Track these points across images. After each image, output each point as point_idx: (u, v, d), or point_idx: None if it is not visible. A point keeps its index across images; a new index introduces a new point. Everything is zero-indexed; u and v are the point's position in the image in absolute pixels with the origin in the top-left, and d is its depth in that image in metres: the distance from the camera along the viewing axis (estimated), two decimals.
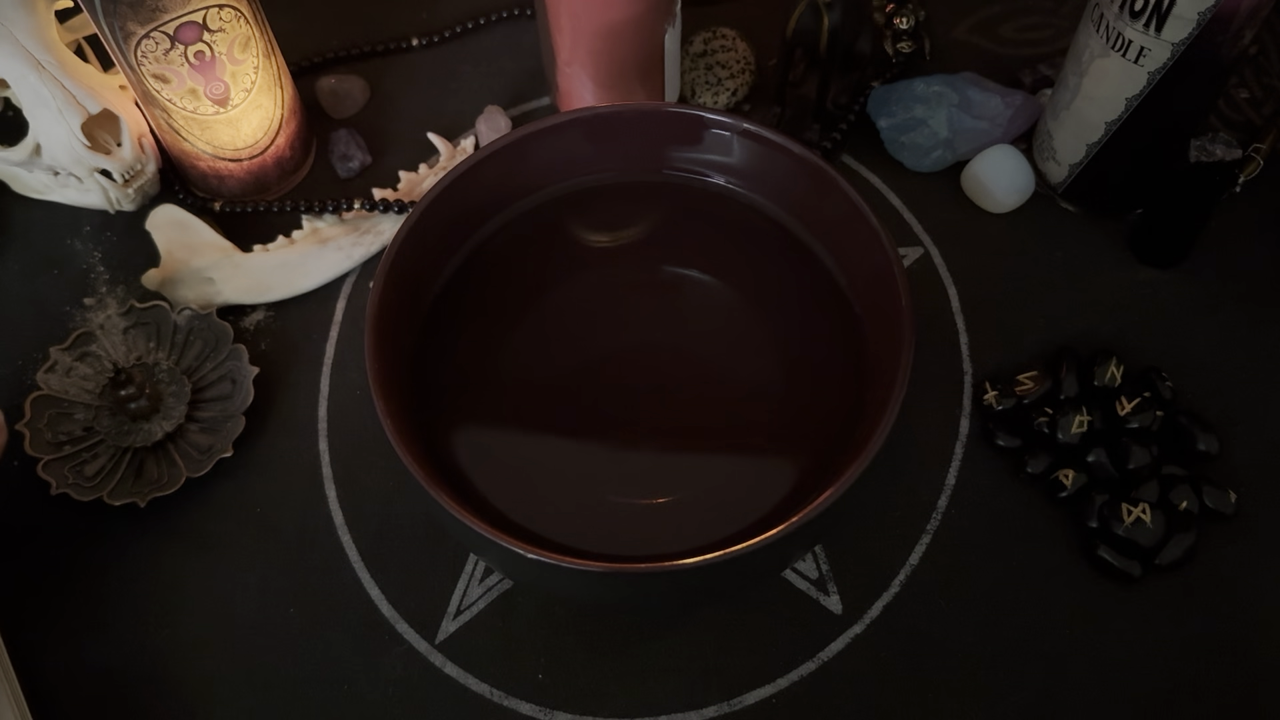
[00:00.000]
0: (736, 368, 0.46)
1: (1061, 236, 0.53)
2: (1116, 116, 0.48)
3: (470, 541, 0.41)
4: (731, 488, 0.43)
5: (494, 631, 0.44)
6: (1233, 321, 0.50)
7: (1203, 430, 0.46)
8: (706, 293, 0.47)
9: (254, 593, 0.46)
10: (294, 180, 0.57)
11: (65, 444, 0.48)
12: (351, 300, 0.53)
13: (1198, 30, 0.43)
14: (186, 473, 0.47)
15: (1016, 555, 0.45)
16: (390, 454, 0.38)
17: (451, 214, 0.45)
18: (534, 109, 0.59)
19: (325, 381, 0.51)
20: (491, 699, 0.43)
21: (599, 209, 0.49)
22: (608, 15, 0.49)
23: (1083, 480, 0.45)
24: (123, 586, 0.46)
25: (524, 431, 0.45)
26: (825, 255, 0.46)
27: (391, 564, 0.46)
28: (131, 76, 0.49)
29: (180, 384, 0.49)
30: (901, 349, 0.39)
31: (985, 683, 0.43)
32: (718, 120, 0.45)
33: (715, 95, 0.57)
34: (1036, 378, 0.48)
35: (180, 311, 0.51)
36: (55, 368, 0.50)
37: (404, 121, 0.59)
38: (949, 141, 0.53)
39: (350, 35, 0.62)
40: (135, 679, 0.44)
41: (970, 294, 0.52)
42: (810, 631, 0.44)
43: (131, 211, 0.55)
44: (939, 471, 0.47)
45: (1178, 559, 0.44)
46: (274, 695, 0.44)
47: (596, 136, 0.46)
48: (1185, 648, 0.43)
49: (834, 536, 0.46)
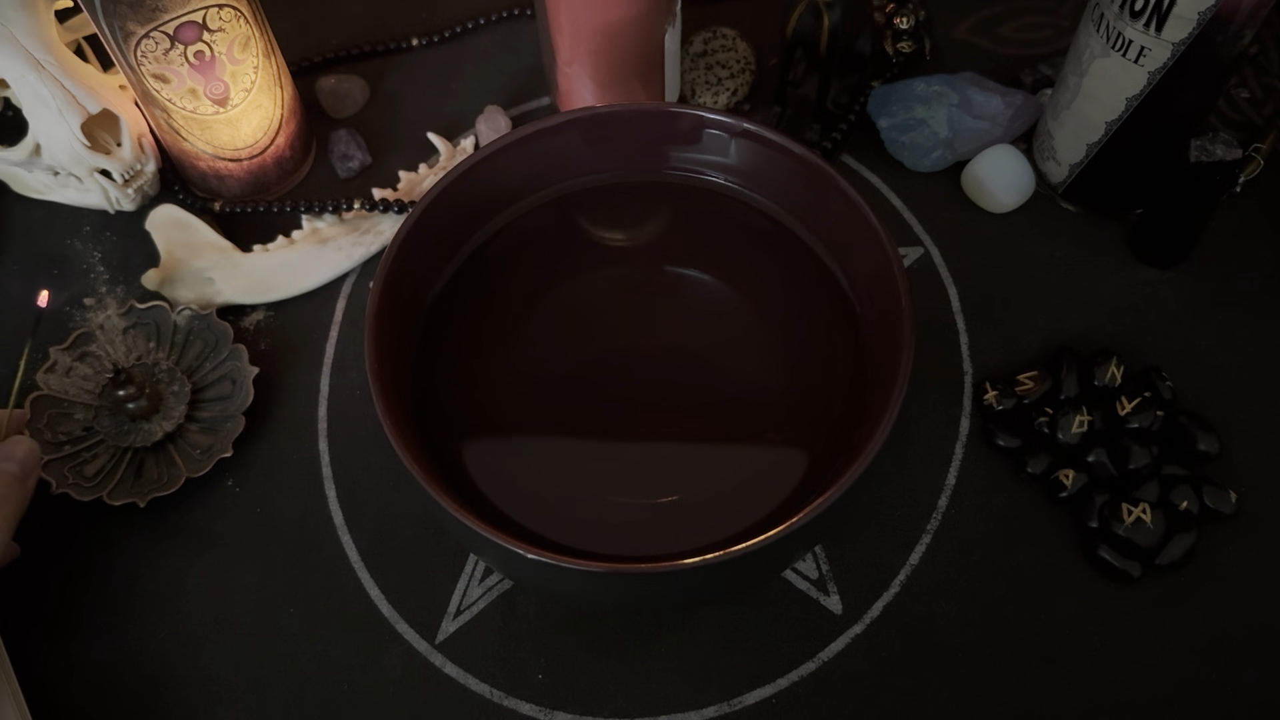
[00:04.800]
0: (736, 368, 0.46)
1: (1061, 236, 0.53)
2: (1117, 116, 0.48)
3: (470, 541, 0.41)
4: (731, 488, 0.43)
5: (494, 631, 0.44)
6: (1233, 321, 0.50)
7: (1203, 430, 0.46)
8: (706, 293, 0.47)
9: (254, 593, 0.46)
10: (294, 180, 0.57)
11: (65, 444, 0.48)
12: (351, 300, 0.53)
13: (1198, 30, 0.43)
14: (186, 473, 0.47)
15: (1016, 555, 0.45)
16: (390, 454, 0.38)
17: (451, 214, 0.45)
18: (534, 109, 0.59)
19: (325, 381, 0.51)
20: (491, 699, 0.43)
21: (599, 209, 0.49)
22: (608, 15, 0.49)
23: (1083, 480, 0.45)
24: (123, 586, 0.46)
25: (524, 431, 0.45)
26: (825, 255, 0.46)
27: (391, 564, 0.46)
28: (131, 76, 0.49)
29: (180, 384, 0.49)
30: (901, 349, 0.39)
31: (985, 683, 0.43)
32: (718, 120, 0.45)
33: (715, 95, 0.57)
34: (1036, 378, 0.48)
35: (180, 311, 0.51)
36: (55, 368, 0.50)
37: (404, 121, 0.59)
38: (949, 141, 0.53)
39: (350, 35, 0.62)
40: (135, 679, 0.44)
41: (970, 294, 0.52)
42: (810, 631, 0.44)
43: (131, 211, 0.55)
44: (939, 471, 0.47)
45: (1178, 559, 0.44)
46: (274, 695, 0.44)
47: (596, 136, 0.46)
48: (1185, 648, 0.43)
49: (834, 536, 0.46)
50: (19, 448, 0.43)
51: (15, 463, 0.42)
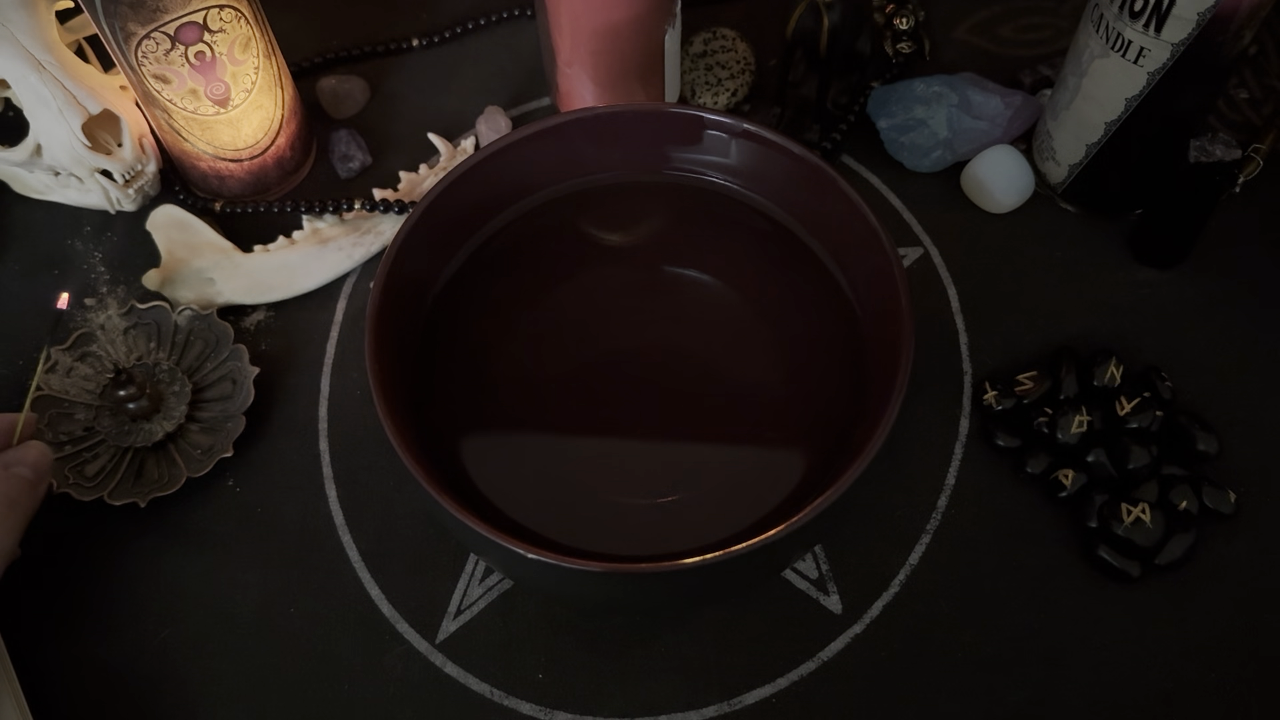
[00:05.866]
0: (736, 368, 0.46)
1: (1061, 236, 0.53)
2: (1116, 117, 0.48)
3: (470, 541, 0.41)
4: (731, 488, 0.43)
5: (494, 631, 0.44)
6: (1233, 321, 0.50)
7: (1202, 430, 0.46)
8: (706, 293, 0.47)
9: (254, 593, 0.46)
10: (294, 180, 0.57)
11: (66, 444, 0.48)
12: (352, 300, 0.53)
13: (1197, 30, 0.43)
14: (187, 473, 0.47)
15: (1016, 555, 0.45)
16: (390, 454, 0.38)
17: (452, 214, 0.45)
18: (534, 109, 0.59)
19: (325, 381, 0.51)
20: (491, 699, 0.43)
21: (599, 209, 0.49)
22: (608, 15, 0.49)
23: (1082, 480, 0.45)
24: (123, 586, 0.46)
25: (524, 431, 0.45)
26: (825, 255, 0.46)
27: (391, 564, 0.46)
28: (132, 77, 0.49)
29: (181, 384, 0.49)
30: (901, 349, 0.39)
31: (985, 683, 0.43)
32: (718, 120, 0.45)
33: (715, 95, 0.57)
34: (1036, 378, 0.48)
35: (181, 312, 0.51)
36: (56, 368, 0.50)
37: (404, 122, 0.59)
38: (949, 142, 0.53)
39: (350, 35, 0.62)
40: (136, 678, 0.44)
41: (970, 294, 0.52)
42: (810, 631, 0.44)
43: (132, 212, 0.55)
44: (939, 471, 0.47)
45: (1177, 559, 0.44)
46: (274, 695, 0.44)
47: (596, 137, 0.46)
48: (1185, 648, 0.43)
49: (834, 536, 0.46)
50: (32, 452, 0.43)
51: (28, 467, 0.42)
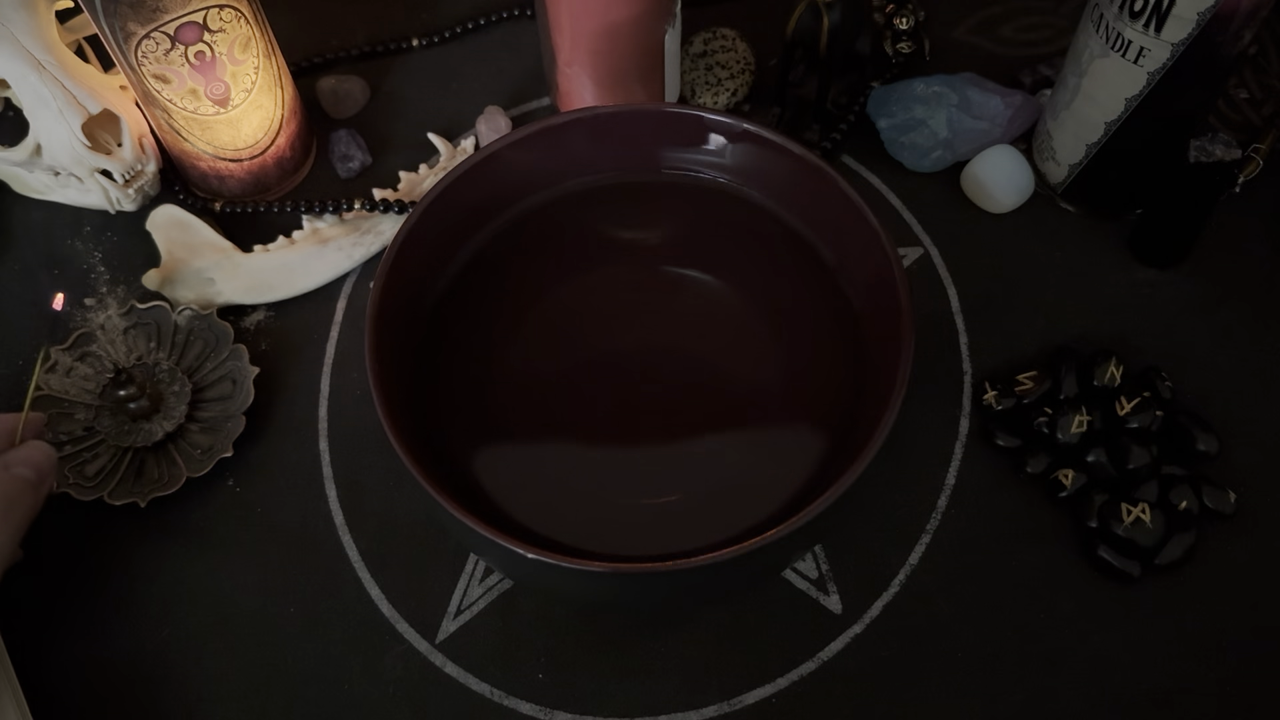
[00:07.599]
0: (736, 368, 0.46)
1: (1061, 236, 0.53)
2: (1116, 117, 0.48)
3: (470, 541, 0.41)
4: (731, 487, 0.43)
5: (494, 631, 0.44)
6: (1233, 321, 0.50)
7: (1202, 430, 0.46)
8: (707, 293, 0.48)
9: (254, 593, 0.46)
10: (294, 180, 0.57)
11: (66, 444, 0.48)
12: (352, 300, 0.53)
13: (1197, 30, 0.43)
14: (187, 473, 0.47)
15: (1016, 555, 0.45)
16: (390, 454, 0.38)
17: (452, 214, 0.45)
18: (534, 109, 0.59)
19: (325, 381, 0.51)
20: (491, 699, 0.43)
21: (599, 209, 0.49)
22: (608, 15, 0.49)
23: (1083, 480, 0.45)
24: (123, 586, 0.46)
25: (524, 431, 0.45)
26: (825, 255, 0.46)
27: (391, 564, 0.46)
28: (132, 77, 0.49)
29: (181, 384, 0.49)
30: (901, 349, 0.39)
31: (985, 683, 0.43)
32: (718, 120, 0.45)
33: (715, 95, 0.57)
34: (1036, 378, 0.48)
35: (180, 311, 0.51)
36: (55, 368, 0.50)
37: (404, 121, 0.59)
38: (949, 142, 0.53)
39: (350, 35, 0.62)
40: (136, 678, 0.44)
41: (970, 294, 0.52)
42: (810, 631, 0.44)
43: (132, 212, 0.55)
44: (939, 471, 0.47)
45: (1177, 559, 0.44)
46: (274, 695, 0.44)
47: (596, 137, 0.46)
48: (1185, 648, 0.43)
49: (834, 536, 0.46)
50: (35, 452, 0.42)
51: (30, 467, 0.42)
